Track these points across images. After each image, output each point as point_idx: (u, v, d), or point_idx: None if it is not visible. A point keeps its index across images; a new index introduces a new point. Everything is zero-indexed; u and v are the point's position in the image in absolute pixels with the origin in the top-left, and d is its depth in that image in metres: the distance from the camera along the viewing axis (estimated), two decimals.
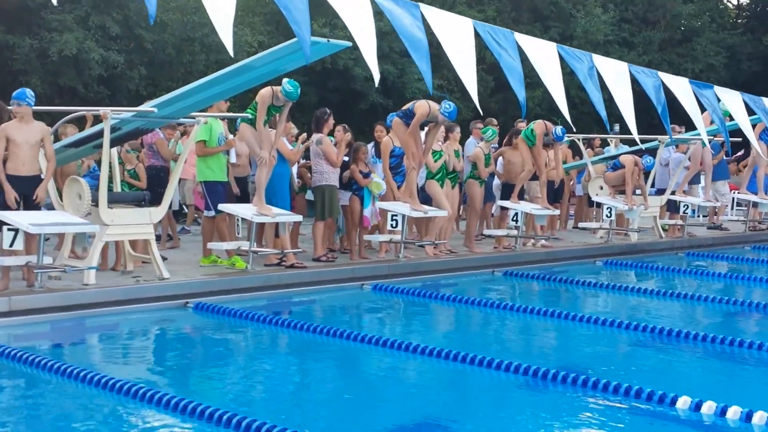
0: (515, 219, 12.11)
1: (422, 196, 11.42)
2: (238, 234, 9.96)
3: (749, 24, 32.92)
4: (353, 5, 6.77)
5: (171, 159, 10.94)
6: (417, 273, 10.73)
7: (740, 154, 18.55)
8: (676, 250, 13.95)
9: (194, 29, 19.11)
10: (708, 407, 5.42)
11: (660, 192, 14.60)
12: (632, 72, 9.26)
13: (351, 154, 10.94)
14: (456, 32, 7.44)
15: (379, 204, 10.97)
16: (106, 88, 18.15)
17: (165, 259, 9.52)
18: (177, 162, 9.96)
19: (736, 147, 17.18)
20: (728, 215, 16.84)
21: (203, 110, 9.76)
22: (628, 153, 14.16)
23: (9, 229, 7.89)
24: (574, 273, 11.11)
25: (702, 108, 10.65)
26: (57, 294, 8.08)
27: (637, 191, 13.62)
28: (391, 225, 10.76)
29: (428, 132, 11.20)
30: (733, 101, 10.68)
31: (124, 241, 9.25)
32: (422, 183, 11.64)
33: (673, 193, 14.57)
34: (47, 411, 5.52)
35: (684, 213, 14.57)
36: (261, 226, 10.14)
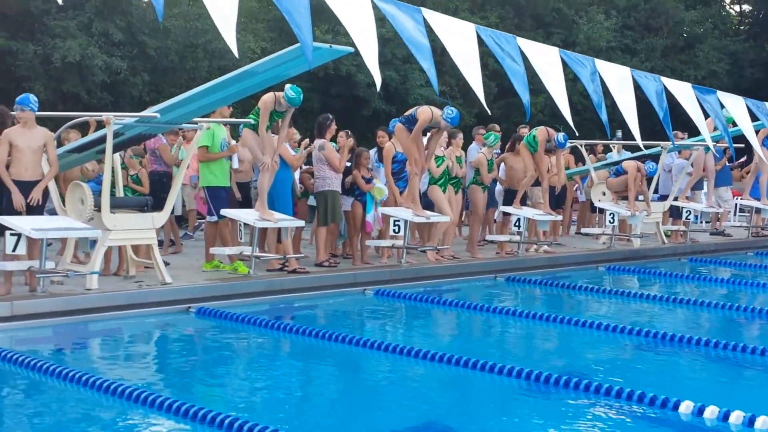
0: (518, 224, 12.10)
1: (425, 202, 11.42)
2: (241, 239, 9.97)
3: (752, 31, 32.92)
4: (355, 11, 6.78)
5: (174, 164, 10.95)
6: (419, 278, 10.72)
7: (743, 160, 18.54)
8: (679, 256, 13.94)
9: (197, 36, 19.14)
10: (710, 412, 5.41)
11: (663, 198, 14.59)
12: (634, 77, 9.27)
13: (353, 160, 10.96)
14: (459, 36, 7.46)
15: (382, 209, 10.98)
16: (109, 95, 18.17)
17: (167, 264, 9.52)
18: (179, 167, 9.98)
19: (740, 153, 17.17)
20: (731, 221, 16.85)
21: (206, 116, 9.78)
22: (631, 159, 14.16)
23: (12, 234, 7.90)
24: (577, 278, 11.10)
25: (705, 114, 10.64)
26: (59, 299, 8.07)
27: (640, 197, 13.61)
28: (394, 230, 10.77)
29: (431, 138, 11.21)
30: (737, 106, 10.68)
31: (127, 246, 9.26)
32: (425, 188, 11.66)
33: (676, 199, 14.56)
34: (49, 415, 5.51)
35: (687, 219, 14.57)
36: (263, 231, 10.16)
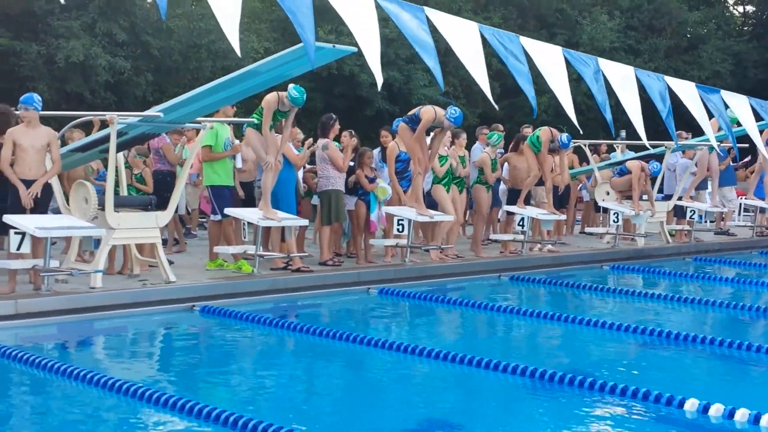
0: (521, 224, 12.10)
1: (428, 201, 11.42)
2: (245, 238, 9.97)
3: (755, 31, 32.91)
4: (358, 10, 6.77)
5: (177, 164, 10.97)
6: (423, 277, 10.71)
7: (747, 160, 18.52)
8: (683, 256, 13.92)
9: (201, 36, 19.19)
10: (716, 410, 5.40)
11: (667, 197, 14.58)
12: (638, 76, 9.24)
13: (356, 159, 10.96)
14: (462, 34, 7.46)
15: (386, 209, 10.97)
16: (113, 94, 18.21)
17: (171, 263, 9.53)
18: (183, 167, 9.99)
19: (744, 153, 17.17)
20: (735, 221, 16.82)
21: (209, 115, 9.78)
22: (635, 159, 14.15)
23: (16, 233, 7.90)
24: (581, 278, 11.09)
25: (710, 114, 10.61)
26: (63, 297, 8.08)
27: (644, 197, 13.60)
28: (398, 229, 10.77)
29: (434, 137, 11.21)
30: (741, 106, 10.65)
31: (131, 245, 9.27)
32: (428, 188, 11.66)
33: (680, 199, 14.55)
34: (54, 413, 5.52)
35: (691, 218, 14.55)
36: (267, 230, 10.16)
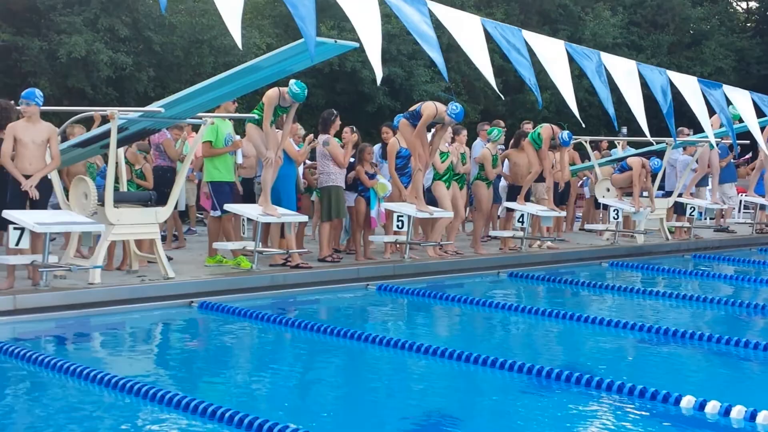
0: (521, 220, 12.10)
1: (428, 197, 11.42)
2: (244, 234, 9.98)
3: (759, 27, 32.86)
4: (360, 4, 6.75)
5: (177, 159, 10.97)
6: (422, 274, 10.72)
7: (748, 157, 18.50)
8: (683, 252, 13.92)
9: (203, 31, 19.17)
10: (712, 406, 5.41)
11: (668, 194, 14.57)
12: (640, 70, 9.21)
13: (356, 155, 10.96)
14: (465, 27, 7.45)
15: (385, 205, 10.97)
16: (115, 90, 18.21)
17: (170, 259, 9.55)
18: (183, 162, 9.99)
19: (744, 150, 17.15)
20: (735, 218, 16.81)
21: (210, 111, 9.78)
22: (636, 155, 14.14)
23: (15, 228, 7.92)
24: (580, 274, 11.09)
25: (711, 111, 10.59)
26: (62, 293, 8.10)
27: (644, 193, 13.59)
28: (397, 226, 10.77)
29: (435, 133, 11.20)
30: (743, 101, 10.62)
31: (130, 241, 9.28)
32: (429, 184, 11.66)
33: (680, 196, 14.54)
34: (52, 409, 5.52)
35: (691, 215, 14.55)
36: (267, 227, 10.16)
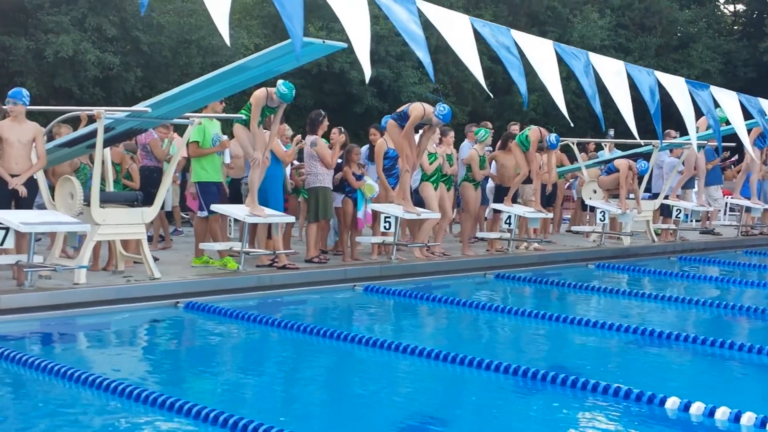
0: (508, 222, 12.12)
1: (416, 199, 11.42)
2: (230, 235, 9.95)
3: (746, 30, 33.00)
4: (349, 1, 6.72)
5: (164, 160, 10.94)
6: (409, 275, 10.72)
7: (734, 159, 18.59)
8: (669, 254, 13.97)
9: (191, 32, 19.12)
10: (696, 408, 5.43)
11: (655, 196, 14.62)
12: (628, 71, 9.21)
13: (344, 156, 10.95)
14: (454, 26, 7.44)
15: (372, 206, 10.96)
16: (102, 90, 18.14)
17: (157, 260, 9.51)
18: (170, 163, 9.96)
19: (731, 152, 17.23)
20: (721, 220, 16.89)
21: (197, 111, 9.76)
22: (623, 157, 14.18)
23: (0, 228, 7.88)
24: (567, 276, 11.12)
25: (698, 113, 10.60)
26: (47, 293, 8.06)
27: (631, 195, 13.64)
28: (384, 227, 10.78)
29: (423, 134, 11.21)
30: (730, 103, 10.64)
31: (116, 241, 9.24)
32: (416, 185, 11.66)
33: (667, 198, 14.59)
34: (36, 410, 5.49)
35: (677, 217, 14.60)
36: (253, 227, 10.15)
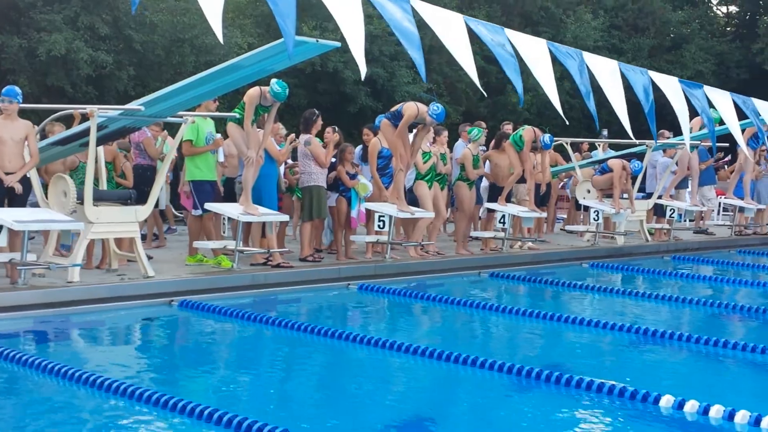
0: (502, 221, 12.13)
1: (410, 198, 11.42)
2: (224, 233, 9.94)
3: (738, 32, 33.09)
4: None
5: (158, 158, 10.92)
6: (403, 274, 10.72)
7: (727, 160, 18.63)
8: (662, 254, 14.00)
9: (184, 30, 19.08)
10: (691, 406, 5.44)
11: (649, 196, 14.65)
12: (622, 70, 9.21)
13: (338, 155, 10.94)
14: (448, 24, 7.44)
15: (366, 204, 10.95)
16: (94, 89, 18.09)
17: (150, 258, 9.49)
18: (163, 161, 9.94)
19: (724, 152, 17.26)
20: (714, 220, 16.93)
21: (191, 109, 9.74)
22: (616, 157, 14.20)
23: None
24: (561, 275, 11.13)
25: (693, 113, 10.59)
26: (40, 291, 8.03)
27: (624, 195, 13.66)
28: (379, 226, 10.77)
29: (417, 134, 11.21)
30: (723, 102, 10.64)
31: (110, 240, 9.22)
32: (410, 184, 11.66)
33: (660, 198, 14.62)
34: (30, 408, 5.47)
35: (670, 217, 14.63)
36: (248, 226, 10.13)
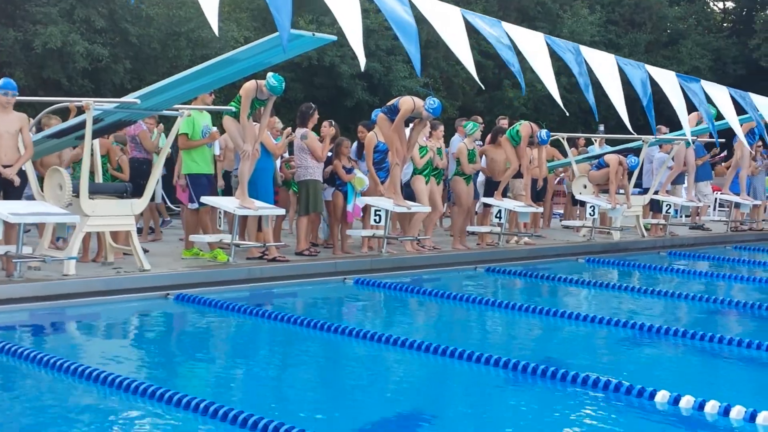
0: (498, 216, 12.13)
1: (406, 192, 11.41)
2: (220, 227, 9.93)
3: (735, 27, 33.12)
4: None
5: (154, 151, 10.90)
6: (399, 268, 10.72)
7: (723, 155, 18.65)
8: (658, 249, 14.02)
9: (180, 24, 19.06)
10: (686, 401, 5.44)
11: (646, 191, 14.66)
12: (619, 64, 9.20)
13: (334, 149, 10.93)
14: (446, 17, 7.42)
15: (363, 199, 10.95)
16: (90, 82, 18.07)
17: (146, 252, 9.48)
18: (159, 154, 9.92)
19: (720, 148, 17.28)
20: (710, 215, 16.96)
21: (187, 102, 9.72)
22: (613, 152, 14.21)
23: None
24: (557, 270, 11.13)
25: (690, 108, 10.58)
26: (36, 284, 8.03)
27: (621, 190, 13.67)
28: (375, 220, 10.77)
29: (413, 128, 11.20)
30: (720, 97, 10.62)
31: (105, 233, 9.20)
32: (407, 179, 11.65)
33: (656, 193, 14.63)
34: (25, 401, 5.45)
35: (666, 213, 14.65)
36: (244, 219, 10.12)
